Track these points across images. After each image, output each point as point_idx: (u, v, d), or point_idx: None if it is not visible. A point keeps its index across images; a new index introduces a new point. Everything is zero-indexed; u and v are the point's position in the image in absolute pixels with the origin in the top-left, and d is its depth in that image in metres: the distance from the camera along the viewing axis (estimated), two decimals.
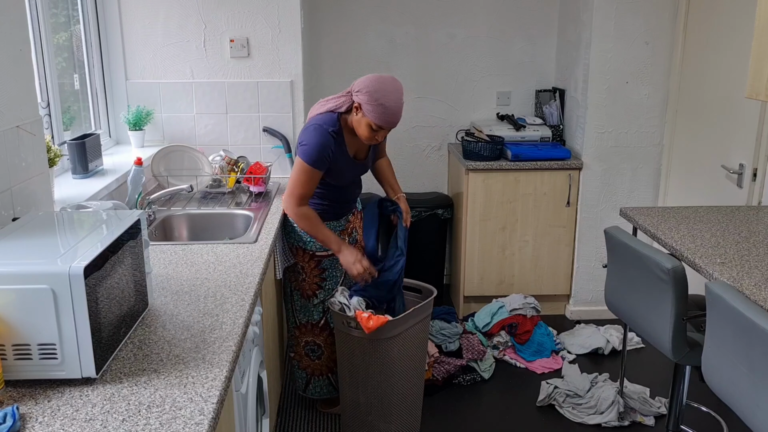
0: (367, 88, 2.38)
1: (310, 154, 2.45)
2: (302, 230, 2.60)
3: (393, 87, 2.39)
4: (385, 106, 2.37)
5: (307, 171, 2.47)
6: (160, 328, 1.64)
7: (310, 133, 2.46)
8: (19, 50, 1.89)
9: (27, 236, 1.50)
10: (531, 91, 4.22)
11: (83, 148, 2.68)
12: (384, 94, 2.37)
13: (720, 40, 3.16)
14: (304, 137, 2.48)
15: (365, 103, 2.38)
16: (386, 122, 2.40)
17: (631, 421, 2.91)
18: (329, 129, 2.46)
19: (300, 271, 2.72)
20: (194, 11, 3.28)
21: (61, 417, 1.26)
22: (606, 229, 2.49)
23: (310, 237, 2.65)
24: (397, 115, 2.41)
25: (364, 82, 2.41)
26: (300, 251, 2.69)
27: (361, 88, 2.40)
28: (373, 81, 2.39)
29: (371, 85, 2.38)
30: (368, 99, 2.37)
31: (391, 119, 2.40)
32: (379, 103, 2.36)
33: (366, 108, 2.39)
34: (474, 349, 3.34)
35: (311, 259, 2.69)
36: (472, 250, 3.83)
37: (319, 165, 2.47)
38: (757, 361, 1.69)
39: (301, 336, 2.81)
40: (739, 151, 2.98)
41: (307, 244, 2.67)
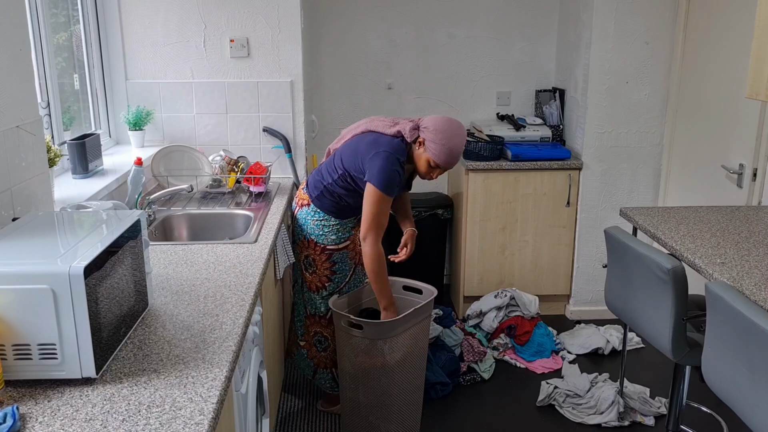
0: (436, 128, 2.47)
1: (385, 183, 2.49)
2: (368, 271, 2.59)
3: (459, 132, 2.49)
4: (449, 148, 2.46)
5: (383, 200, 2.52)
6: (160, 328, 1.64)
7: (384, 162, 2.49)
8: (19, 50, 1.89)
9: (27, 236, 1.50)
10: (531, 91, 4.22)
11: (83, 148, 2.67)
12: (451, 137, 2.46)
13: (720, 40, 3.16)
14: (377, 164, 2.49)
15: (431, 141, 2.47)
16: (446, 163, 2.50)
17: (631, 421, 2.91)
18: (401, 159, 2.52)
19: (311, 264, 2.77)
20: (194, 11, 3.28)
21: (61, 417, 1.26)
22: (606, 229, 2.49)
23: (323, 231, 2.71)
24: (456, 158, 2.51)
25: (434, 121, 2.49)
26: (312, 243, 2.74)
27: (429, 125, 2.49)
28: (443, 122, 2.49)
29: (440, 126, 2.47)
30: (434, 137, 2.46)
31: (451, 161, 2.50)
32: (443, 144, 2.45)
33: (430, 146, 2.47)
34: (474, 351, 3.34)
35: (322, 252, 2.73)
36: (472, 250, 3.83)
37: (391, 193, 2.52)
38: (757, 361, 1.69)
39: (311, 326, 2.87)
40: (739, 151, 2.98)
41: (319, 237, 2.72)
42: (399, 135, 2.55)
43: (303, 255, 2.78)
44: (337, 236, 2.72)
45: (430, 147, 2.47)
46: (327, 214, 2.70)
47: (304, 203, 2.75)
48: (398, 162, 2.51)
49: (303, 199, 2.76)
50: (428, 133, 2.48)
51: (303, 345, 2.93)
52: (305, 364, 2.95)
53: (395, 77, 4.14)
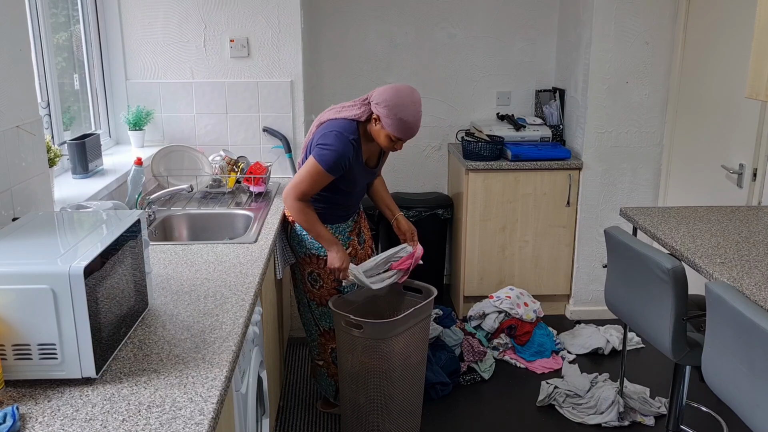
0: (386, 102, 2.40)
1: (328, 159, 2.44)
2: (298, 223, 2.58)
3: (411, 100, 2.41)
4: (404, 120, 2.40)
5: (320, 173, 2.46)
6: (160, 328, 1.64)
7: (332, 139, 2.45)
8: (19, 50, 1.89)
9: (27, 236, 1.50)
10: (531, 91, 4.22)
11: (83, 148, 2.68)
12: (403, 108, 2.39)
13: (720, 40, 3.16)
14: (325, 140, 2.46)
15: (384, 117, 2.41)
16: (405, 135, 2.44)
17: (631, 421, 2.91)
18: (350, 137, 2.46)
19: (317, 279, 2.68)
20: (194, 11, 3.28)
21: (61, 417, 1.26)
22: (606, 229, 2.49)
23: None
24: (415, 128, 2.44)
25: (383, 95, 2.42)
26: (314, 258, 2.65)
27: (380, 101, 2.42)
28: (392, 94, 2.41)
29: (390, 99, 2.40)
30: (387, 113, 2.40)
31: (409, 132, 2.44)
32: (398, 117, 2.39)
33: (385, 121, 2.42)
34: (474, 351, 3.34)
35: (327, 265, 2.63)
36: (472, 250, 3.83)
37: (333, 171, 2.46)
38: (757, 361, 1.69)
39: (328, 343, 2.78)
40: (739, 151, 2.98)
41: (320, 250, 2.63)
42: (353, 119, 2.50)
43: (306, 272, 2.69)
44: None
45: (386, 122, 2.41)
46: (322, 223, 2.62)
47: (291, 218, 2.67)
48: (348, 141, 2.45)
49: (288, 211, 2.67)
50: (380, 109, 2.41)
51: (321, 365, 2.85)
52: (326, 383, 2.88)
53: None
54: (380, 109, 2.41)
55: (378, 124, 2.45)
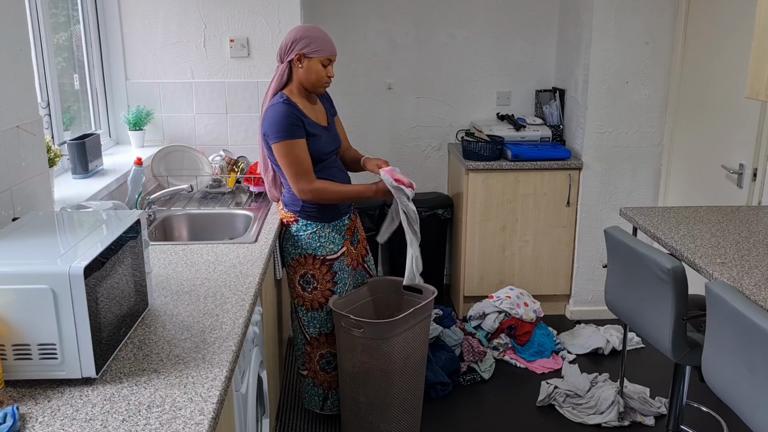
0: (297, 36, 2.46)
1: (279, 128, 2.42)
2: (333, 202, 2.56)
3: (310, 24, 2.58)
4: (321, 38, 2.47)
5: (289, 145, 2.43)
6: (160, 328, 1.64)
7: (267, 115, 2.46)
8: (19, 50, 1.89)
9: (27, 236, 1.50)
10: (531, 91, 4.22)
11: (83, 148, 2.68)
12: (311, 29, 2.48)
13: (720, 40, 3.16)
14: (265, 122, 2.47)
15: (306, 47, 2.45)
16: (329, 50, 2.48)
17: (631, 421, 2.91)
18: (280, 101, 2.47)
19: (310, 281, 2.62)
20: (194, 11, 3.28)
21: (61, 417, 1.26)
22: (606, 229, 2.49)
23: (320, 242, 2.59)
24: (330, 41, 2.50)
25: (288, 39, 2.48)
26: (310, 259, 2.60)
27: (292, 40, 2.47)
28: (295, 29, 2.49)
29: (298, 33, 2.47)
30: (306, 42, 2.45)
31: (331, 46, 2.49)
32: (315, 37, 2.46)
33: (309, 49, 2.45)
34: (474, 351, 3.34)
35: (322, 265, 2.60)
36: (472, 250, 3.83)
37: (294, 133, 2.43)
38: (757, 361, 1.69)
39: (314, 351, 2.72)
40: (739, 151, 2.98)
41: (317, 250, 2.59)
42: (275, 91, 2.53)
43: (298, 276, 2.63)
44: (335, 244, 2.61)
45: (311, 50, 2.44)
46: (318, 222, 2.59)
47: (291, 220, 2.61)
48: (283, 104, 2.44)
49: (288, 217, 2.61)
50: (299, 44, 2.44)
51: (306, 374, 2.78)
52: (313, 393, 2.81)
53: (395, 77, 4.14)
54: (298, 45, 2.45)
55: (303, 61, 2.47)
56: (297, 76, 2.50)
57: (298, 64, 2.47)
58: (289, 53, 2.47)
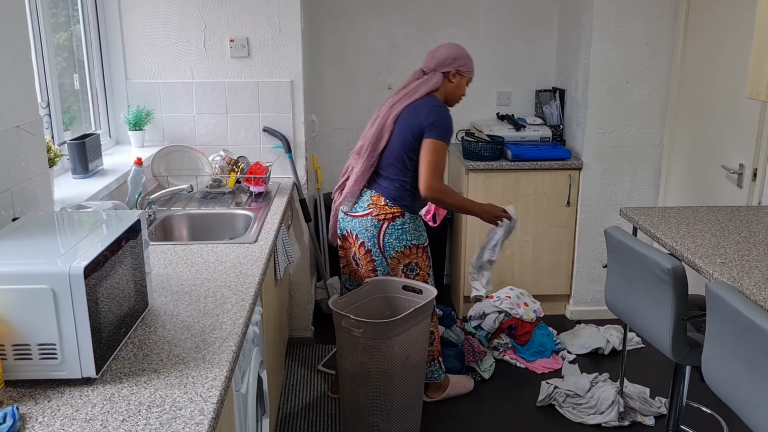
0: (459, 54, 2.70)
1: (447, 132, 2.66)
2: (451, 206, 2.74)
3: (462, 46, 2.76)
4: (472, 60, 2.75)
5: (444, 148, 2.67)
6: (160, 328, 1.64)
7: (441, 114, 2.65)
8: (19, 50, 1.89)
9: (27, 236, 1.50)
10: (531, 91, 4.22)
11: (83, 148, 2.68)
12: (465, 51, 2.73)
13: (720, 40, 3.16)
14: (437, 117, 2.64)
15: (464, 66, 2.71)
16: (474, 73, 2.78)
17: (631, 421, 2.91)
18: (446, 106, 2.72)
19: (414, 268, 2.83)
20: (194, 11, 3.28)
21: (61, 417, 1.26)
22: (606, 229, 2.49)
23: (419, 231, 2.81)
24: None
25: (449, 54, 2.70)
26: (414, 248, 2.80)
27: (456, 55, 2.70)
28: (456, 47, 2.72)
29: (458, 51, 2.71)
30: (466, 61, 2.72)
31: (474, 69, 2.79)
32: (469, 58, 2.74)
33: (465, 69, 2.72)
34: (474, 350, 3.34)
35: (423, 252, 2.84)
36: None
37: (450, 139, 2.69)
38: (757, 361, 1.69)
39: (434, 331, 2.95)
40: (739, 151, 2.98)
41: (419, 239, 2.81)
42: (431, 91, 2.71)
43: (401, 266, 2.80)
44: (425, 232, 2.86)
45: (464, 70, 2.71)
46: (415, 213, 2.82)
47: (396, 215, 2.75)
48: (447, 109, 2.69)
49: (395, 212, 2.75)
50: (461, 61, 2.69)
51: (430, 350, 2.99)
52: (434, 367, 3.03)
53: (395, 77, 4.14)
54: (460, 62, 2.70)
55: (456, 77, 2.72)
56: (445, 88, 2.75)
57: (452, 78, 2.73)
58: (447, 66, 2.71)
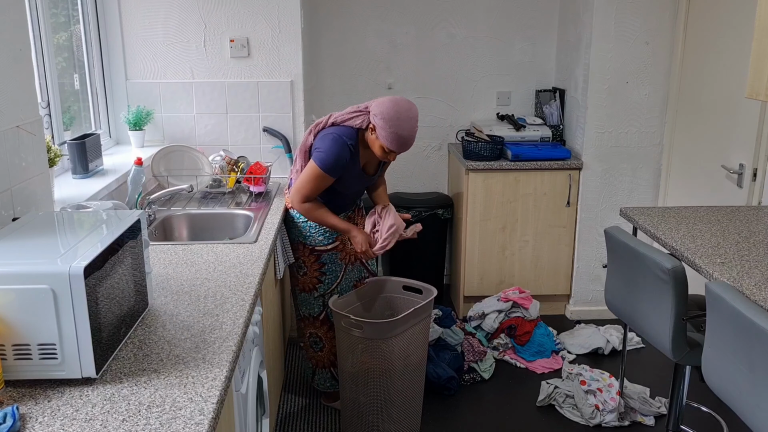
0: (383, 115, 2.45)
1: (326, 161, 2.52)
2: (310, 221, 2.68)
3: (408, 115, 2.46)
4: (398, 135, 2.45)
5: (319, 176, 2.55)
6: (160, 328, 1.64)
7: (329, 143, 2.53)
8: (19, 50, 1.89)
9: (27, 236, 1.50)
10: (531, 91, 4.22)
11: (83, 148, 2.68)
12: (398, 122, 2.44)
13: (720, 40, 3.16)
14: (323, 144, 2.54)
15: (380, 128, 2.47)
16: (398, 148, 2.50)
17: (631, 421, 2.91)
18: (348, 142, 2.54)
19: (301, 266, 2.80)
20: (194, 11, 3.28)
21: (61, 417, 1.26)
22: (606, 229, 2.49)
23: (310, 232, 2.73)
24: (408, 143, 2.50)
25: (381, 107, 2.47)
26: (300, 246, 2.77)
27: (377, 113, 2.48)
28: (389, 107, 2.46)
29: (387, 112, 2.45)
30: (383, 125, 2.45)
31: (403, 146, 2.50)
32: (393, 131, 2.45)
33: (380, 133, 2.47)
34: (474, 350, 3.34)
35: (311, 254, 2.76)
36: (472, 250, 3.83)
37: (332, 173, 2.55)
38: (757, 361, 1.69)
39: (305, 328, 2.92)
40: (739, 151, 2.98)
41: (306, 239, 2.74)
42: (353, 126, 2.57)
43: (294, 257, 2.81)
44: (324, 237, 2.74)
45: (381, 134, 2.46)
46: None
47: (289, 206, 2.78)
48: (346, 145, 2.52)
49: (288, 203, 2.78)
50: (377, 120, 2.46)
51: (302, 346, 2.99)
52: (305, 365, 3.03)
53: (395, 77, 4.14)
54: (377, 120, 2.47)
55: (374, 133, 2.52)
56: (368, 136, 2.56)
57: (371, 131, 2.53)
58: (372, 116, 2.49)
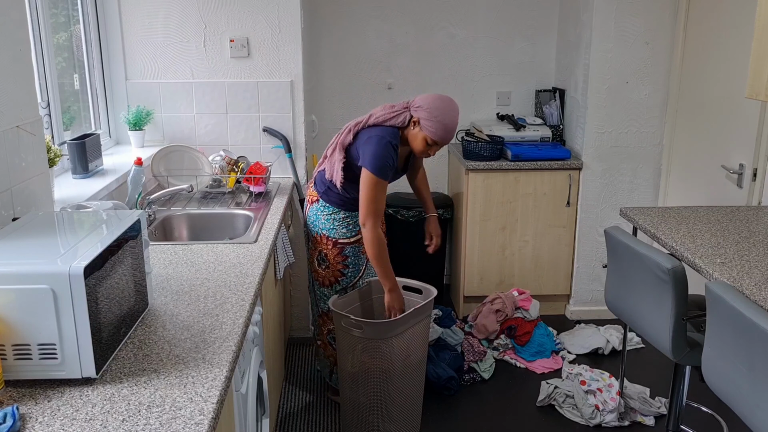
0: (428, 106, 2.50)
1: (378, 166, 2.53)
2: (370, 256, 2.61)
3: (451, 106, 2.52)
4: (444, 124, 2.49)
5: (377, 183, 2.56)
6: (160, 328, 1.64)
7: (375, 146, 2.54)
8: (19, 50, 1.89)
9: (27, 236, 1.50)
10: (531, 91, 4.22)
11: (83, 148, 2.67)
12: (444, 112, 2.49)
13: (720, 40, 3.16)
14: (369, 149, 2.54)
15: (425, 119, 2.50)
16: (442, 138, 2.53)
17: (631, 421, 2.91)
18: (393, 142, 2.56)
19: (324, 259, 2.80)
20: (194, 11, 3.28)
21: (61, 417, 1.26)
22: (606, 229, 2.49)
23: (334, 224, 2.75)
24: (452, 133, 2.55)
25: (426, 100, 2.53)
26: (324, 238, 2.79)
27: (422, 105, 2.52)
28: (435, 99, 2.52)
29: (433, 103, 2.51)
30: (428, 116, 2.49)
31: (447, 136, 2.53)
32: (438, 121, 2.49)
33: (425, 124, 2.51)
34: (474, 350, 3.34)
35: (335, 246, 2.78)
36: (472, 250, 3.83)
37: (385, 176, 2.57)
38: (757, 361, 1.69)
39: (324, 324, 2.92)
40: (739, 151, 2.98)
41: (330, 231, 2.76)
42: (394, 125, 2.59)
43: (317, 251, 2.82)
44: (348, 229, 2.76)
45: (426, 125, 2.50)
46: (336, 207, 2.75)
47: (313, 200, 2.80)
48: (390, 145, 2.54)
49: (312, 196, 2.82)
50: (422, 112, 2.50)
51: (319, 344, 2.99)
52: (323, 364, 3.01)
53: (395, 77, 4.14)
54: (421, 113, 2.51)
55: (416, 127, 2.55)
56: (408, 131, 2.58)
57: (413, 125, 2.56)
58: (415, 110, 2.53)
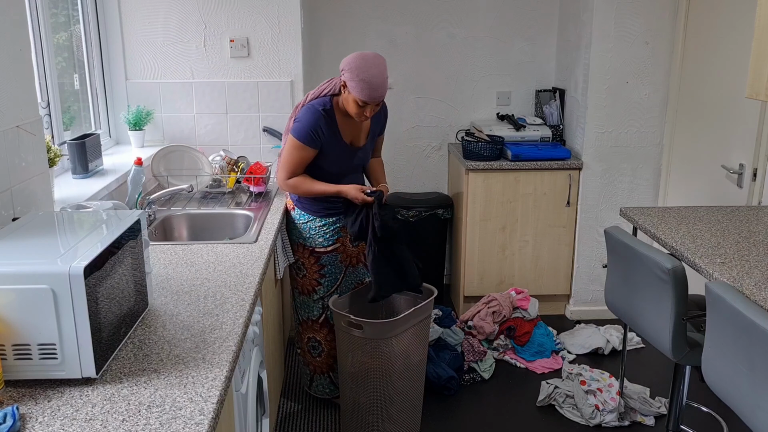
0: (350, 66, 2.45)
1: (300, 130, 2.54)
2: (300, 197, 2.67)
3: (375, 62, 2.45)
4: (367, 81, 2.42)
5: (297, 146, 2.56)
6: (160, 328, 1.64)
7: (302, 113, 2.56)
8: (19, 50, 1.89)
9: (27, 236, 1.50)
10: (531, 91, 4.22)
11: (83, 148, 2.68)
12: (366, 69, 2.42)
13: (720, 40, 3.16)
14: (297, 116, 2.58)
15: (349, 80, 2.45)
16: (369, 97, 2.45)
17: (631, 421, 2.91)
18: (319, 107, 2.54)
19: (301, 267, 2.80)
20: (194, 11, 3.28)
21: (61, 417, 1.26)
22: (606, 229, 2.49)
23: (310, 233, 2.72)
24: (379, 90, 2.45)
25: (347, 61, 2.48)
26: (300, 247, 2.76)
27: (344, 67, 2.48)
28: (356, 58, 2.47)
29: (353, 62, 2.45)
30: (351, 76, 2.44)
31: (373, 94, 2.44)
32: (361, 79, 2.42)
33: (350, 85, 2.45)
34: (474, 350, 3.34)
35: (311, 255, 2.75)
36: (472, 250, 3.83)
37: (308, 141, 2.54)
38: (757, 361, 1.69)
39: (304, 332, 2.89)
40: (739, 151, 2.98)
41: (306, 240, 2.74)
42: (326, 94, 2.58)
43: (294, 258, 2.81)
44: (325, 238, 2.73)
45: (351, 86, 2.44)
46: (311, 214, 2.72)
47: (290, 208, 2.79)
48: (318, 111, 2.52)
49: (289, 204, 2.80)
50: (346, 74, 2.45)
51: (299, 353, 2.97)
52: (303, 371, 3.01)
53: (395, 77, 4.14)
54: (345, 75, 2.46)
55: (345, 90, 2.50)
56: (342, 97, 2.55)
57: (342, 89, 2.52)
58: (342, 73, 2.49)
